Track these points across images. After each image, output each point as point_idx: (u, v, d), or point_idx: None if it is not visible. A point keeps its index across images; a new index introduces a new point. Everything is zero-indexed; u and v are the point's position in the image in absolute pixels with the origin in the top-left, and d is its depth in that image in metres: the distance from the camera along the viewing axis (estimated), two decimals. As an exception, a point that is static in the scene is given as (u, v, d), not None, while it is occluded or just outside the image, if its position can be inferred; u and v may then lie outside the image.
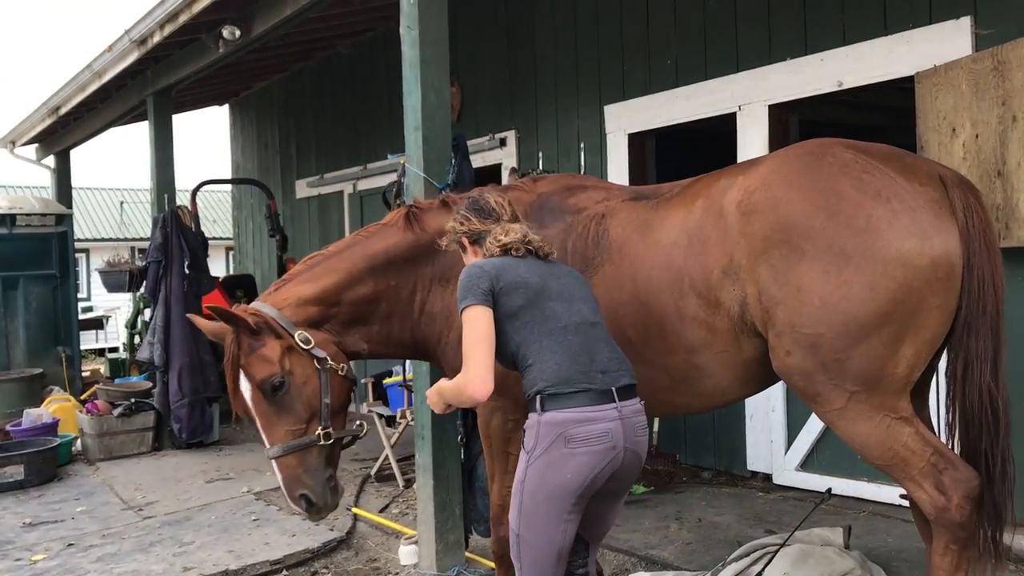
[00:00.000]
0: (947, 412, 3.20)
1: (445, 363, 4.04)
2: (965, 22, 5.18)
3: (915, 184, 3.08)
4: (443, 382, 3.20)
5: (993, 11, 5.09)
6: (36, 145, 13.44)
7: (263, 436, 3.71)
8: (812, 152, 3.28)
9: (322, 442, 3.66)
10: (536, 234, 3.33)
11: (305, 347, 3.68)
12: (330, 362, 3.72)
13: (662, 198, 3.72)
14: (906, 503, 5.35)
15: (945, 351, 3.25)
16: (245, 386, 3.71)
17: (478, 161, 7.90)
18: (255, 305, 3.84)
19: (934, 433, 3.26)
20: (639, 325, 3.55)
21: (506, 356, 3.11)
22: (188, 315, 4.31)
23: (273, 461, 3.68)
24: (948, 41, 5.23)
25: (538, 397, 2.96)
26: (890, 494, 5.69)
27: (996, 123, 4.76)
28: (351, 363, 3.89)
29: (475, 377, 2.95)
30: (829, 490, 4.91)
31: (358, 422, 3.94)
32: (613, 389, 2.99)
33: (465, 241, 3.41)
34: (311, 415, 3.67)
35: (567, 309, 3.12)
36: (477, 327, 3.00)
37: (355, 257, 3.98)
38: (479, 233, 3.37)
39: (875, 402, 3.09)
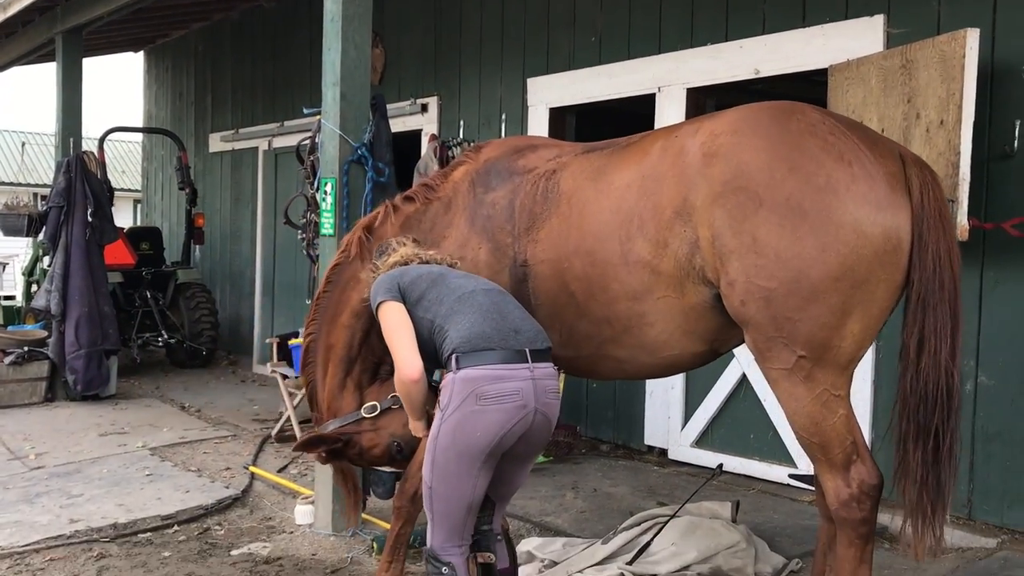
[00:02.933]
0: (899, 389, 3.19)
1: None
2: (879, 20, 5.34)
3: (876, 154, 3.11)
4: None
5: (905, 11, 5.26)
6: (-66, 78, 12.81)
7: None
8: (783, 109, 3.29)
9: None
10: (430, 251, 3.58)
11: (380, 408, 3.79)
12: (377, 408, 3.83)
13: (618, 146, 3.69)
14: (795, 483, 5.60)
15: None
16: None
17: (398, 125, 7.82)
18: (324, 423, 3.94)
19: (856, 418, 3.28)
20: (583, 276, 3.51)
21: (425, 341, 3.18)
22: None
23: None
24: (862, 37, 5.39)
25: (453, 356, 3.05)
26: (779, 474, 5.90)
27: (901, 119, 4.93)
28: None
29: (402, 362, 3.13)
30: (720, 465, 5.06)
31: None
32: (527, 350, 3.07)
33: None
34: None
35: (471, 281, 3.33)
36: (392, 318, 3.21)
37: (323, 321, 4.07)
38: None
39: (819, 373, 3.11)
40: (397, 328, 3.18)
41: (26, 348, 8.75)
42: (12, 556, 4.69)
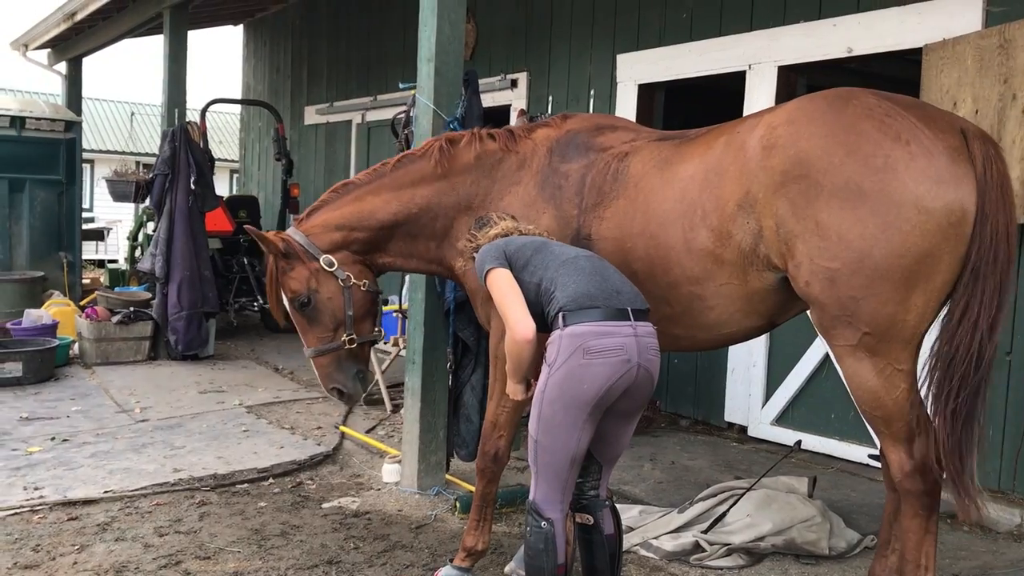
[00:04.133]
0: (933, 351, 3.22)
1: (467, 289, 4.25)
2: (977, -2, 5.25)
3: (935, 130, 3.13)
4: (505, 368, 3.51)
5: (1006, -11, 5.16)
6: (49, 50, 13.42)
7: (302, 339, 4.31)
8: (839, 95, 3.35)
9: (347, 347, 4.22)
10: (529, 226, 3.73)
11: (329, 269, 4.17)
12: (352, 280, 4.21)
13: (686, 138, 3.82)
14: (874, 463, 5.60)
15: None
16: (284, 299, 4.29)
17: (488, 101, 7.95)
18: (288, 231, 4.27)
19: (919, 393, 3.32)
20: (645, 258, 3.66)
21: (532, 303, 3.31)
22: (248, 227, 4.61)
23: (310, 360, 4.32)
24: (959, 15, 5.30)
25: (561, 314, 3.19)
26: (859, 453, 5.90)
27: (996, 100, 4.86)
28: (375, 278, 4.35)
29: (515, 323, 3.23)
30: (799, 442, 5.10)
31: (377, 328, 4.41)
32: (629, 309, 3.20)
33: (475, 255, 3.67)
34: (337, 325, 4.22)
35: (572, 249, 3.49)
36: (501, 283, 3.34)
37: (382, 188, 4.28)
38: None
39: (883, 348, 3.17)
40: (508, 292, 3.30)
41: (132, 308, 9.20)
42: (123, 499, 5.04)
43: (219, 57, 59.00)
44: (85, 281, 12.64)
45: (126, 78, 56.39)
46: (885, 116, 3.17)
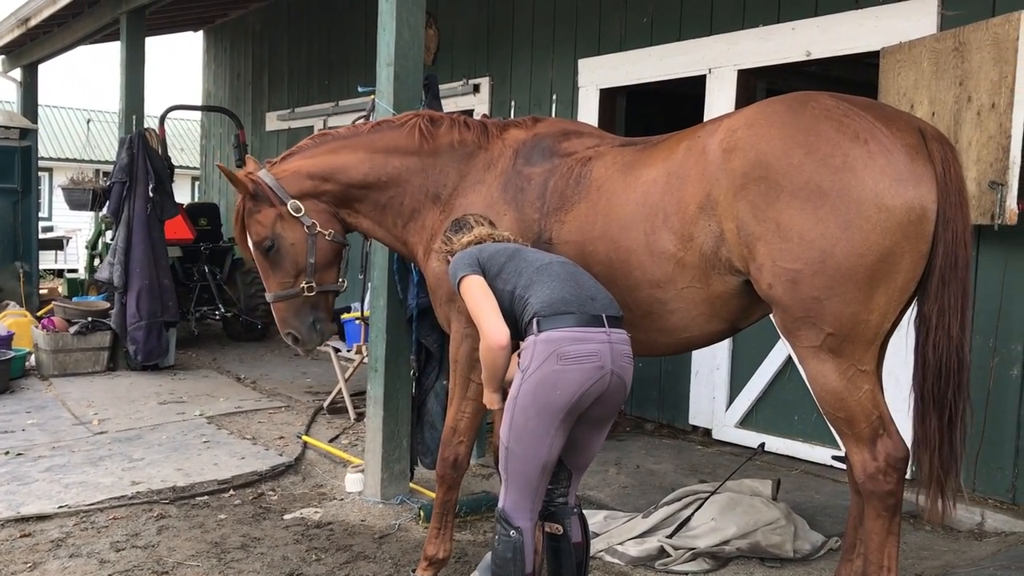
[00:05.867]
0: (918, 361, 3.26)
1: (427, 283, 4.22)
2: (933, 1, 5.30)
3: (893, 129, 3.15)
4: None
5: (960, -7, 5.22)
6: (3, 57, 13.20)
7: (264, 283, 4.36)
8: (797, 99, 3.36)
9: (305, 294, 4.24)
10: (504, 232, 3.67)
11: (295, 214, 4.17)
12: (318, 228, 4.21)
13: (649, 143, 3.83)
14: (837, 464, 5.62)
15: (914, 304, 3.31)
16: (248, 241, 4.31)
17: (450, 106, 7.93)
18: (258, 173, 4.27)
19: (883, 393, 3.35)
20: (606, 261, 3.65)
21: (506, 311, 3.28)
22: (219, 164, 4.57)
23: (271, 304, 4.37)
24: (915, 19, 5.36)
25: (535, 320, 3.16)
26: (823, 455, 5.93)
27: (952, 102, 4.91)
28: (343, 227, 4.34)
29: (489, 329, 3.19)
30: (762, 444, 5.11)
31: (341, 279, 4.41)
32: (603, 315, 3.18)
33: (449, 258, 3.62)
34: (298, 271, 4.25)
35: (545, 255, 3.46)
36: (475, 291, 3.30)
37: (358, 145, 4.27)
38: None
39: (846, 349, 3.17)
40: (481, 300, 3.27)
41: (90, 319, 9.04)
42: (79, 514, 4.93)
43: (179, 63, 58.41)
44: (43, 291, 12.41)
45: (83, 85, 55.72)
46: (843, 116, 3.18)
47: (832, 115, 3.20)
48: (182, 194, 21.11)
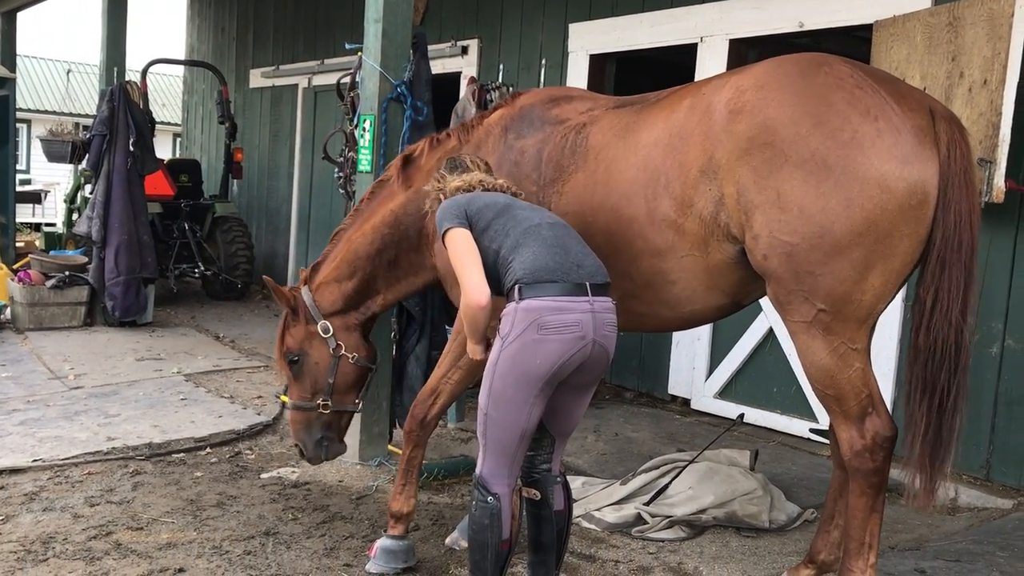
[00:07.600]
0: (911, 343, 3.22)
1: (440, 273, 4.13)
2: (928, -25, 5.26)
3: (904, 108, 3.08)
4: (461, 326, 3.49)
5: (956, -33, 5.17)
6: (-19, 3, 12.90)
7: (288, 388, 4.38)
8: (811, 61, 3.26)
9: (319, 411, 4.24)
10: (498, 178, 3.57)
11: (324, 335, 4.21)
12: (343, 351, 4.22)
13: (647, 102, 3.69)
14: (815, 437, 5.65)
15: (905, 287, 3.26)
16: (277, 349, 4.38)
17: (438, 67, 7.80)
18: (301, 290, 4.30)
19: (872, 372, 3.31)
20: (607, 231, 3.56)
21: (490, 269, 3.21)
22: (266, 278, 4.44)
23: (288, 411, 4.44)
24: (910, -8, 5.32)
25: (517, 286, 3.11)
26: (800, 427, 5.96)
27: (944, 78, 4.88)
28: (372, 351, 4.38)
29: (470, 288, 3.13)
30: (741, 415, 5.13)
31: (358, 401, 4.39)
32: (587, 283, 3.12)
33: (441, 197, 3.53)
34: (316, 389, 4.26)
35: (536, 214, 3.34)
36: (459, 244, 3.21)
37: (362, 223, 4.26)
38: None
39: (838, 326, 3.13)
40: (464, 254, 3.20)
41: (67, 273, 8.93)
42: (53, 468, 4.88)
43: (162, 16, 57.48)
44: (19, 244, 12.25)
45: (63, 36, 54.74)
46: (856, 88, 3.10)
47: (845, 85, 3.11)
48: (164, 150, 20.89)
